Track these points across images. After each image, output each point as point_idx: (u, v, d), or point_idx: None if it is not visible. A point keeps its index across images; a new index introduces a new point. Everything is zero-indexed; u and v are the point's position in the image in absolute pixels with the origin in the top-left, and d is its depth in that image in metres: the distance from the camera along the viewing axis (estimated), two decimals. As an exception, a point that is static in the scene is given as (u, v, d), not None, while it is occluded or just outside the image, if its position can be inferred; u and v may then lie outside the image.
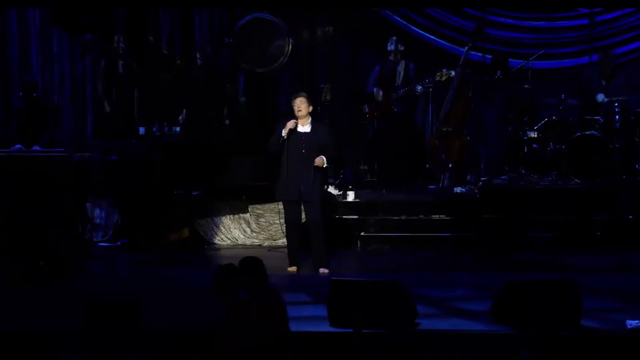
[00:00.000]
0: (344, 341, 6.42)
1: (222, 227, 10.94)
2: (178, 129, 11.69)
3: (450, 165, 11.88)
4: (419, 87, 11.66)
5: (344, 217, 10.76)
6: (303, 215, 9.30)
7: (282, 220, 10.41)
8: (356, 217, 10.78)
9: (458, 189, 11.40)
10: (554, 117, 11.50)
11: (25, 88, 10.82)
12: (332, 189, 11.16)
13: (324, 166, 8.94)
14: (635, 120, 11.23)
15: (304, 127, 8.94)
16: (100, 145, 11.33)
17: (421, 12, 12.71)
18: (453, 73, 11.55)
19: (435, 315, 7.10)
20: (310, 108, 8.99)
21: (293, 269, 9.16)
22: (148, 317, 6.23)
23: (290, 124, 8.84)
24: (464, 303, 7.58)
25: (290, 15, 12.25)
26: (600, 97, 11.36)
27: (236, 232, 10.93)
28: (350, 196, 11.02)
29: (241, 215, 10.97)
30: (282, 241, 10.43)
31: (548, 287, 6.65)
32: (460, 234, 10.49)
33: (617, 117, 11.16)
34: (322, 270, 9.01)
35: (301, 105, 8.89)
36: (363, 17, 12.82)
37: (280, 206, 10.47)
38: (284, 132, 8.83)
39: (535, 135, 11.50)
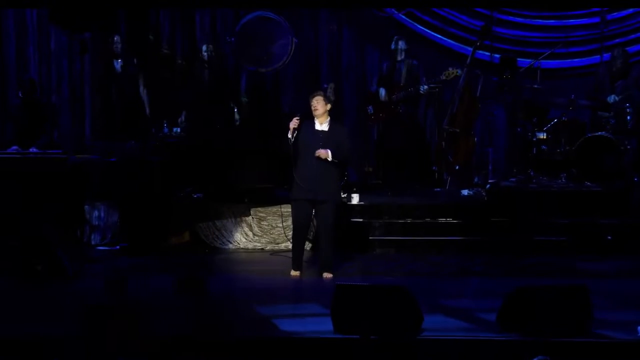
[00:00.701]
0: (348, 348, 6.42)
1: (223, 231, 10.93)
2: (178, 129, 11.70)
3: (457, 167, 11.88)
4: (423, 87, 11.64)
5: (348, 220, 10.75)
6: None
7: (285, 224, 10.41)
8: (361, 220, 10.77)
9: (465, 192, 11.39)
10: (563, 118, 11.48)
11: (24, 88, 10.82)
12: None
13: (329, 160, 8.87)
14: (647, 121, 11.23)
15: (322, 126, 8.98)
16: (99, 147, 11.33)
17: (427, 11, 12.70)
18: (460, 72, 11.54)
19: (441, 321, 7.08)
20: (328, 106, 9.02)
21: (296, 273, 9.13)
22: (147, 321, 6.23)
23: (292, 123, 8.87)
24: (471, 309, 7.56)
25: (294, 13, 12.26)
26: (612, 98, 11.34)
27: (238, 235, 10.92)
28: (355, 199, 11.01)
29: (243, 218, 10.96)
30: (285, 245, 10.44)
31: (558, 293, 6.63)
32: (468, 237, 10.48)
33: (628, 117, 11.13)
34: (325, 274, 9.00)
35: (317, 104, 8.94)
36: (368, 16, 12.83)
37: (283, 209, 10.48)
38: (290, 134, 8.86)
39: (545, 137, 11.48)
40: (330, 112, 9.09)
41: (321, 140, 8.90)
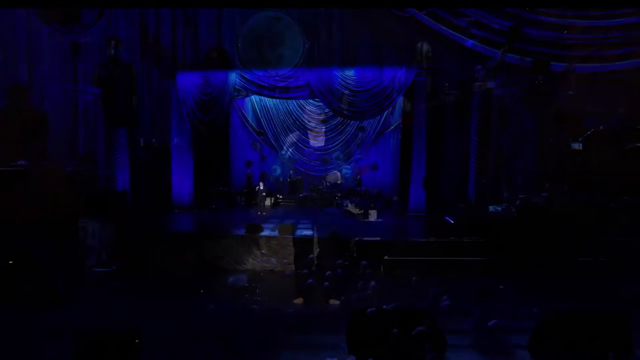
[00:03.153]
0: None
1: (229, 250, 10.92)
2: (177, 139, 11.74)
3: (483, 180, 11.85)
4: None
5: (365, 239, 10.74)
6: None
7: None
8: (379, 239, 10.75)
9: (493, 208, 11.37)
10: (600, 127, 11.46)
11: (14, 94, 10.86)
12: (352, 208, 11.15)
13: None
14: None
15: None
16: (94, 157, 11.37)
17: (452, 11, 12.70)
18: None
19: (466, 347, 7.06)
20: None
21: (299, 300, 9.12)
22: (145, 348, 6.23)
23: None
24: (499, 334, 7.53)
25: (305, 13, 12.29)
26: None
27: (245, 255, 10.91)
28: (373, 215, 11.00)
29: (251, 236, 10.95)
30: (297, 265, 10.44)
31: (595, 318, 6.60)
32: (495, 257, 10.45)
33: (672, 126, 11.13)
34: (331, 301, 9.03)
35: None
36: (387, 16, 12.83)
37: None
38: None
39: (580, 147, 11.46)
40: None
41: None
